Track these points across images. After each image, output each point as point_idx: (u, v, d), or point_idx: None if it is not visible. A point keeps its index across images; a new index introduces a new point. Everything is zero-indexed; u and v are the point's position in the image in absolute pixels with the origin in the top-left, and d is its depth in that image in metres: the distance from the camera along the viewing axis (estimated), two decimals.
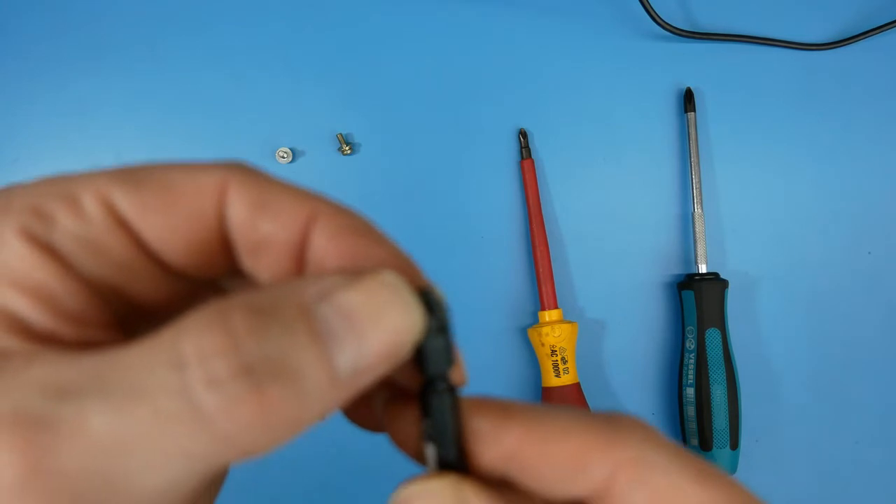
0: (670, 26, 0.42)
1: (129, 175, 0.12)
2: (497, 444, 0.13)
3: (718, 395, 0.40)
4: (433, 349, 0.13)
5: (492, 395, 0.14)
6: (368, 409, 0.16)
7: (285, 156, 0.42)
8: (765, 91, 0.45)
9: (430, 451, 0.13)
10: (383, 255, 0.13)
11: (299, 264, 0.13)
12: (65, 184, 0.12)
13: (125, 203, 0.12)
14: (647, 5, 0.42)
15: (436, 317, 0.13)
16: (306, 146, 0.43)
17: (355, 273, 0.12)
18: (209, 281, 0.14)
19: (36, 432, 0.10)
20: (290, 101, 0.43)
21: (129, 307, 0.13)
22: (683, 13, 0.45)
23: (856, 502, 0.44)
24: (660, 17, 0.42)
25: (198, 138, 0.42)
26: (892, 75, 0.45)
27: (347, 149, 0.42)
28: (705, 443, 0.40)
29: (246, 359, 0.10)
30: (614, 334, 0.43)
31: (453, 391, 0.13)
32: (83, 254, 0.12)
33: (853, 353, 0.44)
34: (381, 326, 0.11)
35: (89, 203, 0.12)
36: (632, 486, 0.13)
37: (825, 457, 0.43)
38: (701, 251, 0.42)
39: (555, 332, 0.40)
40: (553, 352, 0.40)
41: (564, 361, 0.41)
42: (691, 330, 0.42)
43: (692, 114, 0.43)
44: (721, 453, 0.40)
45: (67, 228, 0.12)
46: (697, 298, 0.41)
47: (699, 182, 0.43)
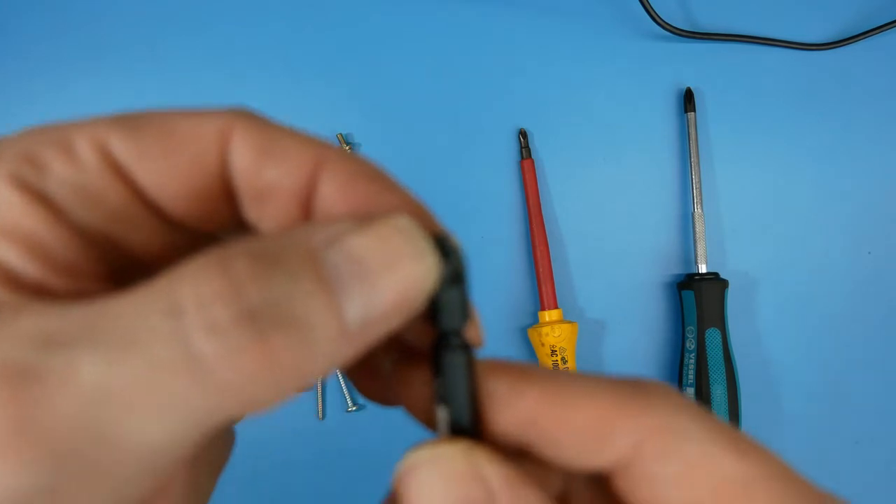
0: (670, 26, 0.42)
1: (126, 121, 0.12)
2: (514, 408, 0.12)
3: (718, 394, 0.40)
4: (448, 301, 0.12)
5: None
6: (376, 372, 0.15)
7: None
8: (765, 91, 0.45)
9: (441, 413, 0.12)
10: (396, 201, 0.12)
11: (306, 213, 0.13)
12: (59, 130, 0.12)
13: (122, 149, 0.11)
14: (647, 5, 0.42)
15: (451, 265, 0.12)
16: None
17: (366, 218, 0.11)
18: (210, 234, 0.14)
19: (24, 384, 0.09)
20: (290, 101, 0.43)
21: (124, 259, 0.12)
22: (683, 13, 0.45)
23: (856, 502, 0.43)
24: (660, 17, 0.42)
25: None
26: (892, 75, 0.45)
27: (347, 149, 0.42)
28: None
29: (248, 305, 0.09)
30: (614, 334, 0.43)
31: (468, 349, 0.12)
32: (77, 202, 0.11)
33: (853, 353, 0.44)
34: (393, 274, 0.11)
35: (84, 149, 0.11)
36: (660, 456, 0.12)
37: (825, 457, 0.43)
38: (701, 251, 0.42)
39: (555, 332, 0.40)
40: (553, 352, 0.40)
41: (564, 361, 0.41)
42: (691, 330, 0.42)
43: (692, 114, 0.43)
44: None
45: (60, 175, 0.11)
46: (697, 298, 0.41)
47: (699, 182, 0.43)
